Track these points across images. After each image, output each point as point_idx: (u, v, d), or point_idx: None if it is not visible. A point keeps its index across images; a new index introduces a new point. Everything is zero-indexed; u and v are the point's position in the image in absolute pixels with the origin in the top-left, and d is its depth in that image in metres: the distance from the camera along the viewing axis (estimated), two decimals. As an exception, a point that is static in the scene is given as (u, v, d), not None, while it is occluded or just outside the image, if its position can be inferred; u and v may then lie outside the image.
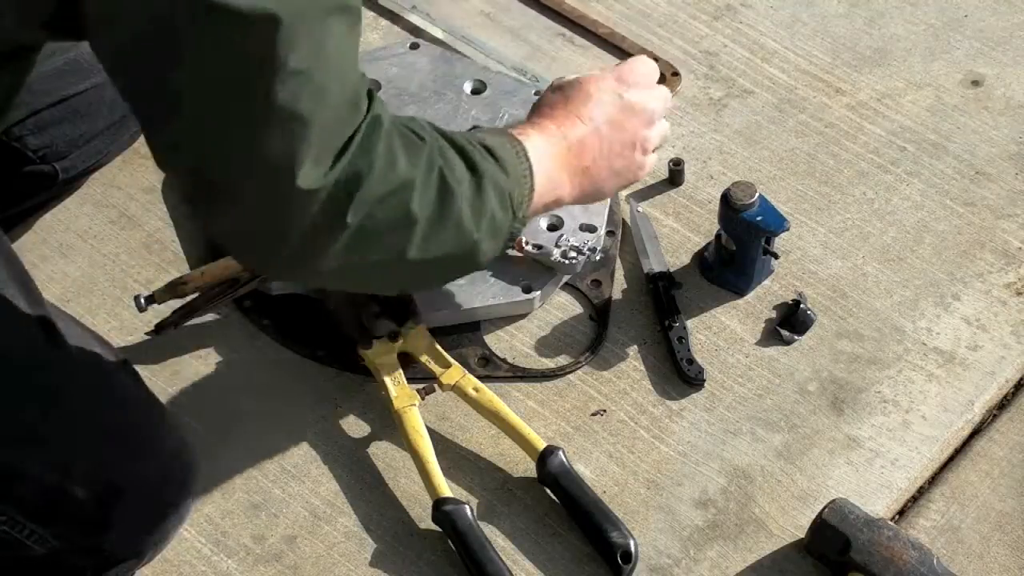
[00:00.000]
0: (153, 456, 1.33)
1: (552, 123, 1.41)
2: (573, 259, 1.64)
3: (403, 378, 1.55)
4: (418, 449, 1.50)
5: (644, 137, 1.47)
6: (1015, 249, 1.71)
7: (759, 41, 1.94)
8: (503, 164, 1.31)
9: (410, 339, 1.57)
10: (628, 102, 1.44)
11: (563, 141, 1.40)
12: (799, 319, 1.64)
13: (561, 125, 1.41)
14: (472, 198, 1.27)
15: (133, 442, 1.32)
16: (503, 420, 1.53)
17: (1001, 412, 1.59)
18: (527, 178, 1.35)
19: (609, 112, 1.43)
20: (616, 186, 1.50)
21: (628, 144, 1.45)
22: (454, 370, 1.55)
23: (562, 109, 1.42)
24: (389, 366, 1.55)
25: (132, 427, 1.33)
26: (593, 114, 1.42)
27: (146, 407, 1.36)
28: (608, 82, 1.44)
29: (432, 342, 1.57)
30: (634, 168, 1.48)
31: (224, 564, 1.49)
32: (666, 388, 1.61)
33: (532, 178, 1.35)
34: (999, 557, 1.48)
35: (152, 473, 1.32)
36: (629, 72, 1.46)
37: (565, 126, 1.41)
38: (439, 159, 1.25)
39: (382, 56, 1.88)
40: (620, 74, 1.46)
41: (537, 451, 1.50)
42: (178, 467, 1.35)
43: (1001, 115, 1.85)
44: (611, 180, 1.47)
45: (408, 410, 1.53)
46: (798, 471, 1.54)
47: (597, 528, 1.47)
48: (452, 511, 1.46)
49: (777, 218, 1.61)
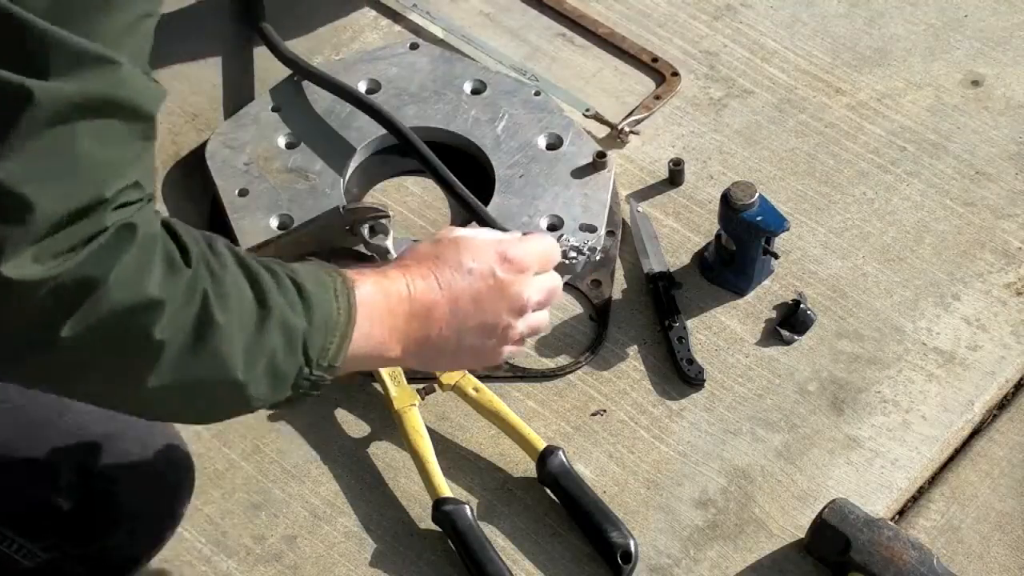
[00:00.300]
0: (143, 462, 1.32)
1: (406, 277, 1.23)
2: (573, 259, 1.64)
3: (403, 378, 1.55)
4: (418, 449, 1.50)
5: (508, 324, 1.29)
6: (1015, 249, 1.71)
7: (759, 41, 1.94)
8: (309, 305, 1.13)
9: None
10: (501, 283, 1.26)
11: (406, 302, 1.22)
12: (799, 319, 1.64)
13: (414, 282, 1.23)
14: (247, 335, 1.09)
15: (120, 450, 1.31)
16: (503, 420, 1.53)
17: (1001, 412, 1.59)
18: (339, 326, 1.16)
19: (476, 288, 1.26)
20: (464, 366, 1.40)
21: (486, 328, 1.28)
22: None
23: (426, 267, 1.25)
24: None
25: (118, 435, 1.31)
26: (456, 285, 1.25)
27: None
28: (488, 254, 1.27)
29: None
30: (487, 354, 1.31)
31: (224, 564, 1.49)
32: (666, 388, 1.61)
33: (348, 327, 1.17)
34: (999, 557, 1.48)
35: (143, 479, 1.32)
36: (519, 252, 1.29)
37: (418, 286, 1.23)
38: (207, 285, 1.07)
39: (382, 56, 1.89)
40: (507, 251, 1.28)
41: (537, 451, 1.50)
42: (170, 470, 1.35)
43: (1001, 115, 1.85)
44: (457, 358, 1.31)
45: (408, 410, 1.53)
46: (798, 471, 1.54)
47: (597, 528, 1.47)
48: (452, 511, 1.46)
49: (777, 218, 1.61)
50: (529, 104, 1.82)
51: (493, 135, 1.79)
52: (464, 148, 1.80)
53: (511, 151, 1.77)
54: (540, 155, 1.77)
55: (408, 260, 1.26)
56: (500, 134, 1.79)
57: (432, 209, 1.77)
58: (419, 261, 1.25)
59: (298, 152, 1.78)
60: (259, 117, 1.82)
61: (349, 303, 1.16)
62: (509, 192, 1.73)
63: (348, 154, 1.78)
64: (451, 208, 1.77)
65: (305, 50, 1.92)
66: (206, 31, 1.98)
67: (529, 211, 1.71)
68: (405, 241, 1.68)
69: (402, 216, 1.75)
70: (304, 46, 1.93)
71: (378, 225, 1.57)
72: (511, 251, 1.27)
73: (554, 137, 1.78)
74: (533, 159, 1.76)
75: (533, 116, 1.81)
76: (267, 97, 1.85)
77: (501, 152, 1.77)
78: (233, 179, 1.76)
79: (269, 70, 1.89)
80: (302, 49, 1.91)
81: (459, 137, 1.80)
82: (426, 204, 1.78)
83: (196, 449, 1.56)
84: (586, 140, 1.78)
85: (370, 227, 1.57)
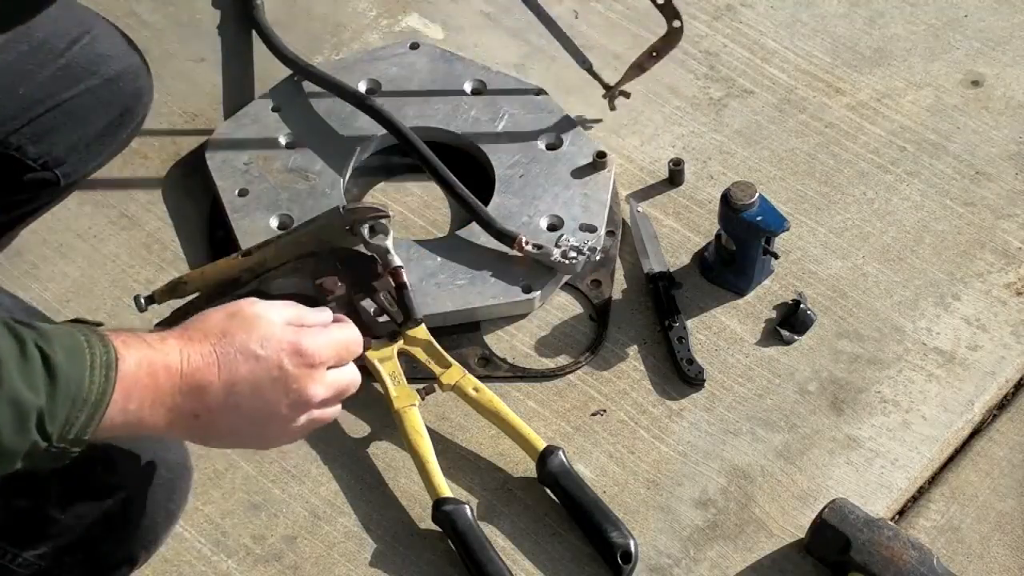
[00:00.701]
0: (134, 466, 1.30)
1: (183, 351, 1.14)
2: (573, 259, 1.64)
3: (403, 378, 1.54)
4: (418, 449, 1.50)
5: (286, 418, 1.20)
6: (1015, 249, 1.71)
7: (759, 41, 1.94)
8: (54, 378, 1.07)
9: (410, 339, 1.57)
10: (287, 376, 1.17)
11: (176, 377, 1.14)
12: (799, 319, 1.64)
13: (190, 358, 1.15)
14: None
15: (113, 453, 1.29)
16: (503, 420, 1.53)
17: (1001, 412, 1.59)
18: (90, 402, 1.09)
19: (258, 377, 1.16)
20: (241, 446, 1.28)
21: (262, 418, 1.19)
22: (454, 370, 1.55)
23: (209, 344, 1.16)
24: (389, 366, 1.55)
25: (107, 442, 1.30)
26: (237, 370, 1.16)
27: None
28: (280, 343, 1.17)
29: (432, 342, 1.57)
30: (266, 440, 1.24)
31: (224, 564, 1.49)
32: (666, 388, 1.61)
33: (102, 402, 1.09)
34: (999, 557, 1.48)
35: (135, 483, 1.31)
36: (313, 345, 1.19)
37: (194, 362, 1.15)
38: None
39: (382, 56, 1.89)
40: (301, 342, 1.18)
41: (537, 451, 1.50)
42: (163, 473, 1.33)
43: (1001, 115, 1.85)
44: (234, 440, 1.23)
45: (408, 410, 1.53)
46: (798, 471, 1.54)
47: (597, 528, 1.47)
48: (452, 511, 1.46)
49: (777, 218, 1.61)
50: (529, 104, 1.82)
51: (493, 135, 1.79)
52: (464, 148, 1.80)
53: (511, 151, 1.77)
54: (540, 155, 1.77)
55: (193, 331, 1.17)
56: (500, 134, 1.79)
57: (432, 209, 1.77)
58: (205, 335, 1.16)
59: (298, 152, 1.79)
60: (259, 117, 1.82)
61: (107, 377, 1.09)
62: (509, 192, 1.73)
63: (348, 154, 1.78)
64: (451, 208, 1.77)
65: (305, 50, 1.92)
66: (206, 31, 1.98)
67: (529, 211, 1.71)
68: (405, 241, 1.69)
69: (402, 216, 1.75)
70: (304, 46, 1.93)
71: (378, 225, 1.57)
72: (305, 342, 1.18)
73: (554, 137, 1.78)
74: (533, 159, 1.76)
75: (533, 116, 1.81)
76: (267, 97, 1.85)
77: (501, 152, 1.77)
78: (233, 179, 1.76)
79: (269, 70, 1.89)
80: (302, 49, 1.91)
81: (459, 137, 1.80)
82: (426, 204, 1.78)
83: (196, 449, 1.56)
84: (586, 140, 1.78)
85: (370, 227, 1.57)
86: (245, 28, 1.96)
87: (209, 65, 1.93)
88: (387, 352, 1.56)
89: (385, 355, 1.55)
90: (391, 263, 1.56)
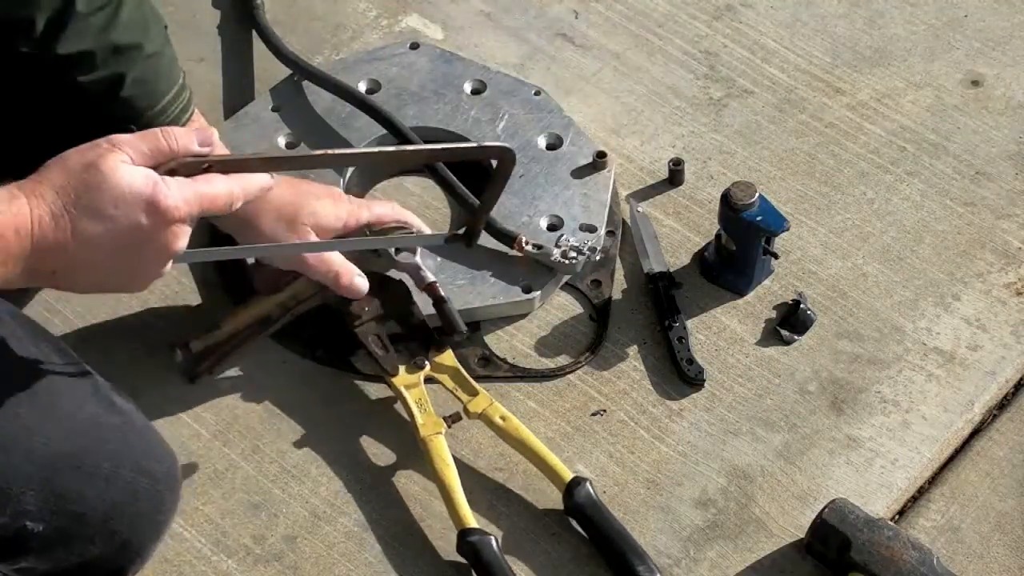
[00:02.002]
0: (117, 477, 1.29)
1: (33, 211, 1.11)
2: (573, 259, 1.64)
3: (430, 406, 1.52)
4: (444, 478, 1.48)
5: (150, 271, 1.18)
6: (1015, 249, 1.71)
7: (759, 41, 1.94)
8: None
9: (437, 365, 1.55)
10: (147, 234, 1.14)
11: (26, 241, 1.11)
12: (799, 319, 1.64)
13: (42, 219, 1.12)
14: None
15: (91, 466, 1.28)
16: (530, 449, 1.51)
17: (1001, 412, 1.59)
18: None
19: (114, 239, 1.13)
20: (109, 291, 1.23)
21: (125, 271, 1.17)
22: (481, 398, 1.53)
23: (63, 200, 1.12)
24: (415, 393, 1.53)
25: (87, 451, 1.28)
26: (90, 232, 1.12)
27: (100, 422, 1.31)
28: (135, 202, 1.13)
29: (459, 369, 1.55)
30: (134, 287, 1.21)
31: (224, 564, 1.49)
32: (666, 388, 1.61)
33: None
34: (999, 557, 1.48)
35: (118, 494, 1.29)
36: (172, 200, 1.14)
37: (47, 225, 1.12)
38: None
39: (382, 56, 1.89)
40: (159, 199, 1.13)
41: (564, 481, 1.48)
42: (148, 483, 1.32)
43: (1001, 115, 1.85)
44: (96, 289, 1.20)
45: (434, 438, 1.50)
46: (798, 471, 1.54)
47: (624, 561, 1.44)
48: (477, 542, 1.44)
49: (777, 218, 1.61)
50: (529, 104, 1.82)
51: (493, 135, 1.79)
52: (464, 148, 1.80)
53: (511, 151, 1.77)
54: (540, 155, 1.77)
55: (46, 185, 1.12)
56: (500, 134, 1.79)
57: (432, 209, 1.77)
58: (56, 192, 1.12)
59: (298, 152, 1.78)
60: (259, 117, 1.82)
61: None
62: (509, 192, 1.73)
63: (348, 154, 1.78)
64: (451, 208, 1.77)
65: (305, 50, 1.92)
66: (206, 31, 1.98)
67: (529, 211, 1.71)
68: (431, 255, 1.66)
69: (402, 216, 1.75)
70: (304, 46, 1.93)
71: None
72: (165, 199, 1.13)
73: (554, 137, 1.78)
74: (533, 159, 1.76)
75: (533, 116, 1.81)
76: (267, 97, 1.85)
77: (501, 152, 1.77)
78: (233, 179, 1.75)
79: (269, 70, 1.89)
80: (302, 49, 1.91)
81: (459, 137, 1.79)
82: (426, 204, 1.78)
83: (196, 449, 1.57)
84: (586, 140, 1.78)
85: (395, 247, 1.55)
86: (245, 28, 1.96)
87: (209, 65, 1.93)
88: (413, 379, 1.54)
89: (412, 382, 1.54)
90: (425, 279, 1.55)
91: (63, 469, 1.26)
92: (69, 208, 1.11)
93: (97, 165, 1.12)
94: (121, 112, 1.42)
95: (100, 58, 1.39)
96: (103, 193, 1.12)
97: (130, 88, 1.41)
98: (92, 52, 1.39)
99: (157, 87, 1.43)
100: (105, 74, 1.40)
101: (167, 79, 1.44)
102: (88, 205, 1.12)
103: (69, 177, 1.13)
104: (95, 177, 1.12)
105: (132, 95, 1.42)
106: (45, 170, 1.13)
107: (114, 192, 1.12)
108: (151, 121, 1.42)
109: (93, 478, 1.28)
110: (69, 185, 1.12)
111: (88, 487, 1.28)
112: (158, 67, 1.44)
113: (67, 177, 1.13)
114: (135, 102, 1.42)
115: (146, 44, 1.42)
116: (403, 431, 1.56)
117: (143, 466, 1.32)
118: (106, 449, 1.30)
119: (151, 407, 1.59)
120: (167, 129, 1.16)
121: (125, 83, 1.41)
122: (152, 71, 1.43)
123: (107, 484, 1.29)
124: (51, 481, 1.25)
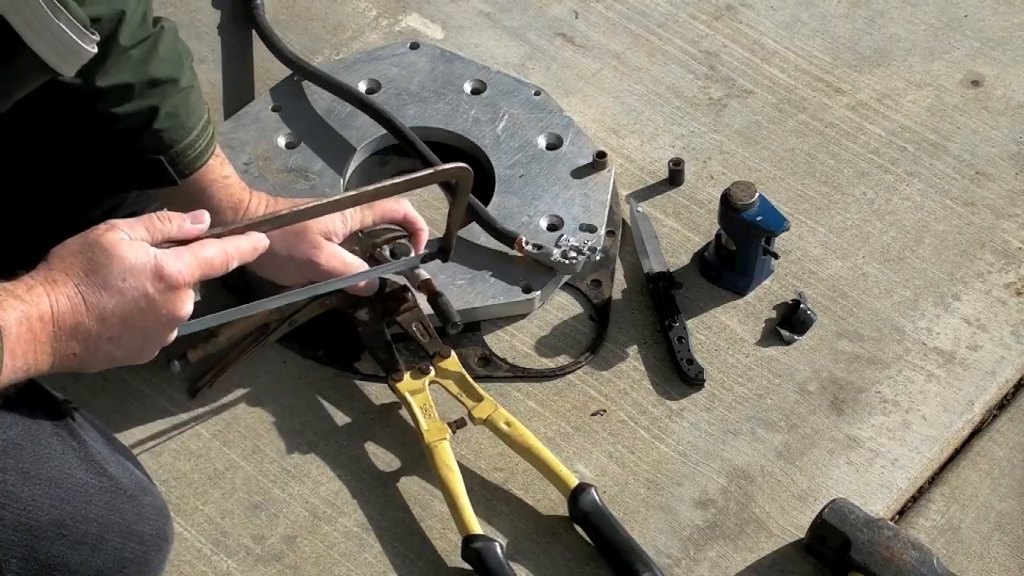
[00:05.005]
0: (103, 543, 1.28)
1: (50, 297, 1.17)
2: (573, 259, 1.64)
3: (434, 411, 1.52)
4: (448, 484, 1.48)
5: (160, 339, 1.25)
6: (1015, 249, 1.71)
7: (759, 41, 1.94)
8: None
9: (441, 371, 1.55)
10: (154, 303, 1.20)
11: (49, 325, 1.17)
12: (799, 319, 1.64)
13: (58, 303, 1.17)
14: None
15: (77, 532, 1.26)
16: (535, 455, 1.51)
17: (1001, 412, 1.59)
18: None
19: (125, 309, 1.19)
20: (124, 363, 1.27)
21: (138, 342, 1.23)
22: (486, 403, 1.53)
23: (72, 285, 1.18)
24: (420, 399, 1.53)
25: (72, 519, 1.27)
26: (103, 305, 1.18)
27: (88, 488, 1.29)
28: (142, 272, 1.19)
29: (464, 374, 1.55)
30: (144, 355, 1.26)
31: (224, 564, 1.49)
32: (666, 388, 1.61)
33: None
34: (999, 557, 1.48)
35: (104, 560, 1.28)
36: (175, 268, 1.20)
37: (62, 306, 1.17)
38: None
39: (382, 56, 1.89)
40: (163, 267, 1.20)
41: (569, 488, 1.48)
42: (135, 547, 1.31)
43: (1001, 115, 1.85)
44: (113, 362, 1.24)
45: (439, 444, 1.50)
46: (798, 471, 1.54)
47: (629, 568, 1.44)
48: (482, 548, 1.43)
49: (777, 218, 1.61)
50: (529, 104, 1.82)
51: (493, 135, 1.79)
52: (464, 148, 1.80)
53: (511, 151, 1.77)
54: (540, 155, 1.77)
55: (56, 272, 1.18)
56: (500, 134, 1.79)
57: (432, 209, 1.77)
58: (67, 275, 1.18)
59: (298, 152, 1.79)
60: (259, 117, 1.82)
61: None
62: (509, 192, 1.73)
63: (348, 154, 1.78)
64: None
65: (305, 50, 1.92)
66: (206, 31, 1.98)
67: (529, 211, 1.71)
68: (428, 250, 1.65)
69: (402, 216, 1.75)
70: (304, 46, 1.93)
71: (398, 246, 1.54)
72: (167, 266, 1.20)
73: (554, 137, 1.78)
74: (533, 159, 1.76)
75: (533, 116, 1.81)
76: (267, 97, 1.85)
77: (501, 152, 1.77)
78: (233, 179, 1.75)
79: (269, 70, 1.89)
80: (302, 49, 1.91)
81: (459, 137, 1.80)
82: (426, 204, 1.78)
83: (196, 449, 1.57)
84: (586, 140, 1.78)
85: (391, 250, 1.55)
86: (245, 28, 1.96)
87: (209, 65, 1.93)
88: (418, 384, 1.54)
89: (416, 387, 1.54)
90: (420, 276, 1.55)
91: (48, 537, 1.25)
92: (81, 288, 1.18)
93: (100, 244, 1.19)
94: (151, 144, 1.44)
95: (138, 90, 1.42)
96: (111, 268, 1.18)
97: (162, 121, 1.44)
98: (131, 85, 1.42)
99: (188, 121, 1.46)
100: (141, 106, 1.43)
101: (196, 114, 1.47)
102: (98, 282, 1.18)
103: (76, 259, 1.19)
104: (100, 255, 1.19)
105: (163, 128, 1.44)
106: (51, 258, 1.20)
107: (121, 265, 1.18)
108: (179, 155, 1.46)
109: (79, 546, 1.27)
110: (78, 266, 1.19)
111: (73, 554, 1.27)
112: (188, 101, 1.46)
113: (74, 260, 1.19)
114: (165, 135, 1.44)
115: (180, 78, 1.45)
116: (403, 431, 1.56)
117: (132, 530, 1.31)
118: (92, 516, 1.29)
119: (151, 408, 1.59)
120: (161, 213, 1.23)
121: (159, 116, 1.43)
122: (183, 105, 1.45)
123: (93, 552, 1.28)
124: (35, 549, 1.24)
